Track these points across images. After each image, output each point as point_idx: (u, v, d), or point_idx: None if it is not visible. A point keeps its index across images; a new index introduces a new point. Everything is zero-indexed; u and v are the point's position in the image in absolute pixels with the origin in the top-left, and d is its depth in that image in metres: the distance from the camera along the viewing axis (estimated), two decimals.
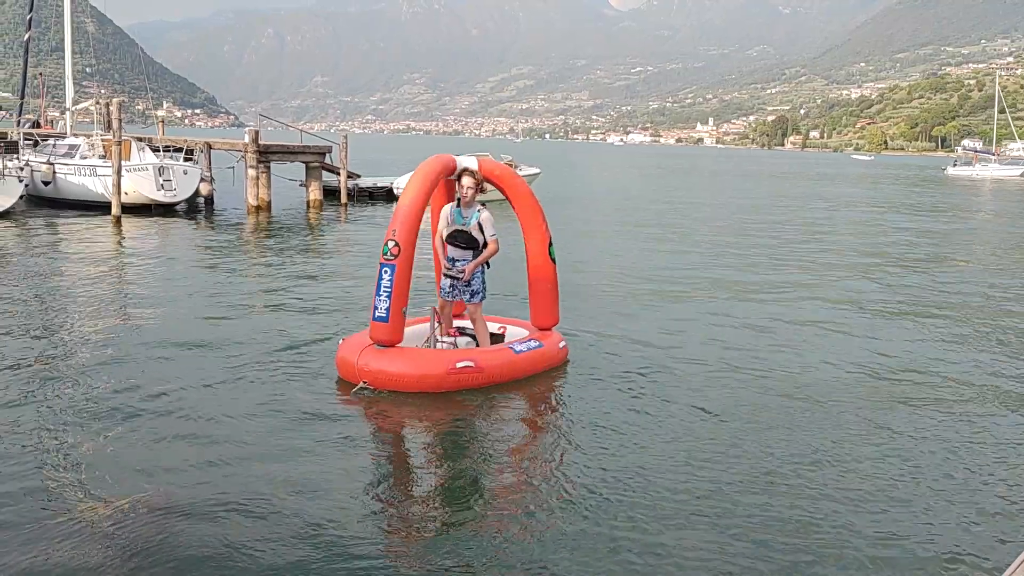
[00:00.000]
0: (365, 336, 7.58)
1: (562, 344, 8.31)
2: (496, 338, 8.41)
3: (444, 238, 7.75)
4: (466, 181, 7.59)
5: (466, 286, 7.76)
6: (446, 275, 7.82)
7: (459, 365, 7.29)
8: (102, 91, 34.39)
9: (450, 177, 7.81)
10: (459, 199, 7.70)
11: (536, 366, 7.83)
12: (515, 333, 8.51)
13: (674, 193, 39.80)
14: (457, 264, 7.71)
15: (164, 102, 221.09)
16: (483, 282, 7.88)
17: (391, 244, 7.27)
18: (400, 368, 7.23)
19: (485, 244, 7.70)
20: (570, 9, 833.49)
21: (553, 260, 8.27)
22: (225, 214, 23.48)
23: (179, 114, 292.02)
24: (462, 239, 7.67)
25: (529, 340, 8.02)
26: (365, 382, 7.24)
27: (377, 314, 7.33)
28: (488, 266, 7.88)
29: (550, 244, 8.24)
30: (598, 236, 20.45)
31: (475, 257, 7.71)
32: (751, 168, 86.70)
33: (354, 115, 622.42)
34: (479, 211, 7.66)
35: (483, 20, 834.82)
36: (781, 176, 66.66)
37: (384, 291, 7.29)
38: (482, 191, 7.71)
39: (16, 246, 16.18)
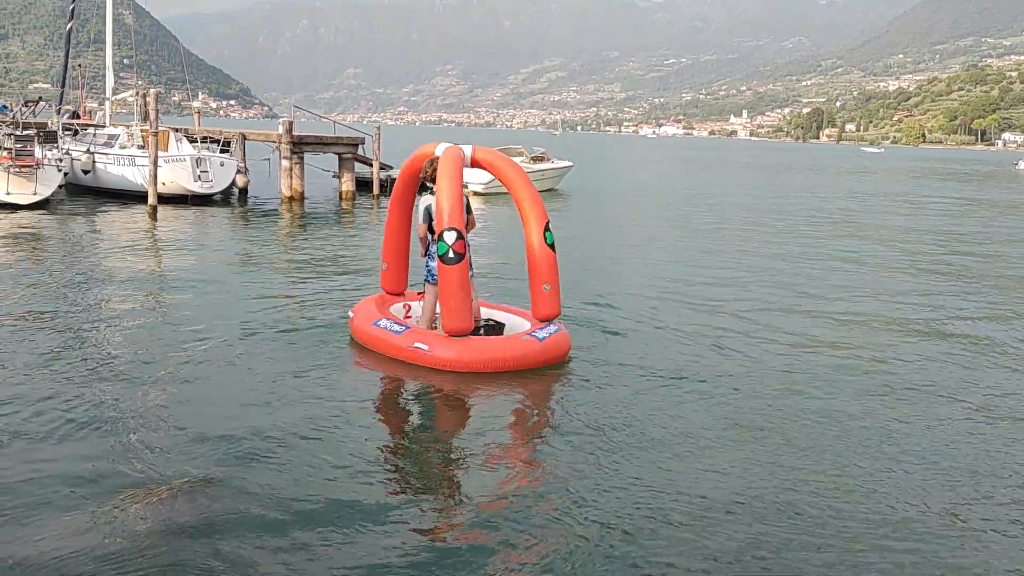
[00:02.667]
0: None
1: (554, 332, 7.97)
2: (495, 328, 8.38)
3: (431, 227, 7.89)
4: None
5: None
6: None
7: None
8: (140, 82, 34.79)
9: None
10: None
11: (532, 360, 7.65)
12: (516, 324, 8.43)
13: (713, 188, 39.47)
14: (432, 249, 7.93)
15: (200, 93, 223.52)
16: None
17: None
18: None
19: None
20: (603, 1, 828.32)
21: (551, 247, 8.04)
22: (259, 204, 23.71)
23: (214, 105, 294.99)
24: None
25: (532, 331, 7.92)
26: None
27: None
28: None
29: (546, 229, 8.02)
30: (630, 233, 20.36)
31: None
32: (785, 161, 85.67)
33: (386, 107, 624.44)
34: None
35: (516, 12, 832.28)
36: (819, 169, 65.82)
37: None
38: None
39: (55, 233, 16.47)
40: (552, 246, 8.05)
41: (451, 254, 7.41)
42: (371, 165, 27.14)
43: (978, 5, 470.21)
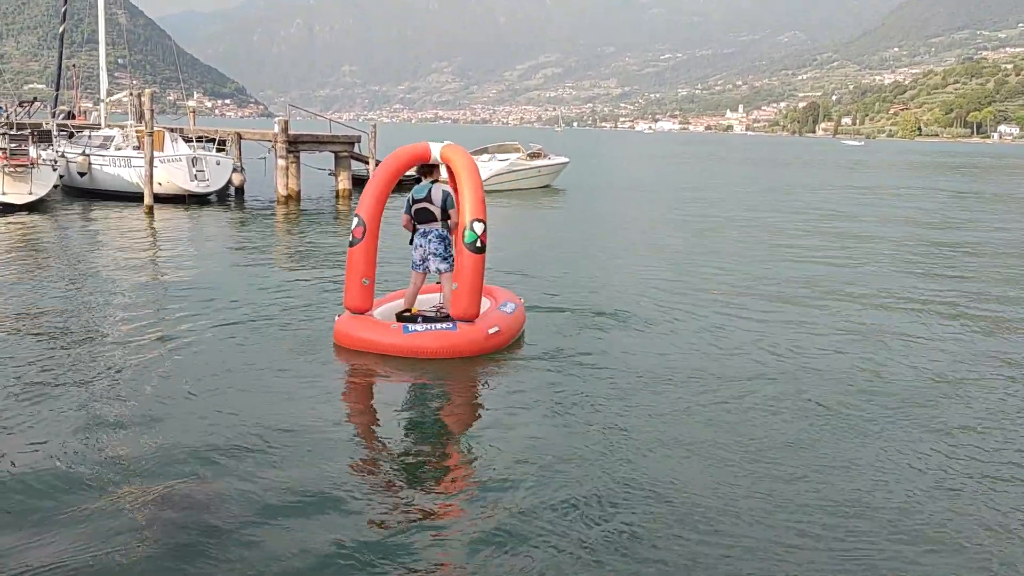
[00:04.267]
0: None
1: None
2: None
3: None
4: None
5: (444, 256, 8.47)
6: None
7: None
8: (134, 82, 34.80)
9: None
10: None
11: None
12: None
13: (702, 183, 39.50)
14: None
15: (194, 92, 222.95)
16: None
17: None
18: None
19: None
20: None
21: (472, 249, 8.00)
22: (255, 203, 23.71)
23: (209, 104, 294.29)
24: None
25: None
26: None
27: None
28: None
29: (468, 228, 8.00)
30: (631, 232, 20.37)
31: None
32: (771, 155, 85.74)
33: (382, 104, 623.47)
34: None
35: (511, 8, 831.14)
36: (799, 165, 65.89)
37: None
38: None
39: (51, 234, 16.46)
40: (471, 246, 8.00)
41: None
42: (367, 163, 27.13)
43: None
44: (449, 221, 8.36)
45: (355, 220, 8.41)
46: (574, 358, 8.11)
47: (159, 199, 21.24)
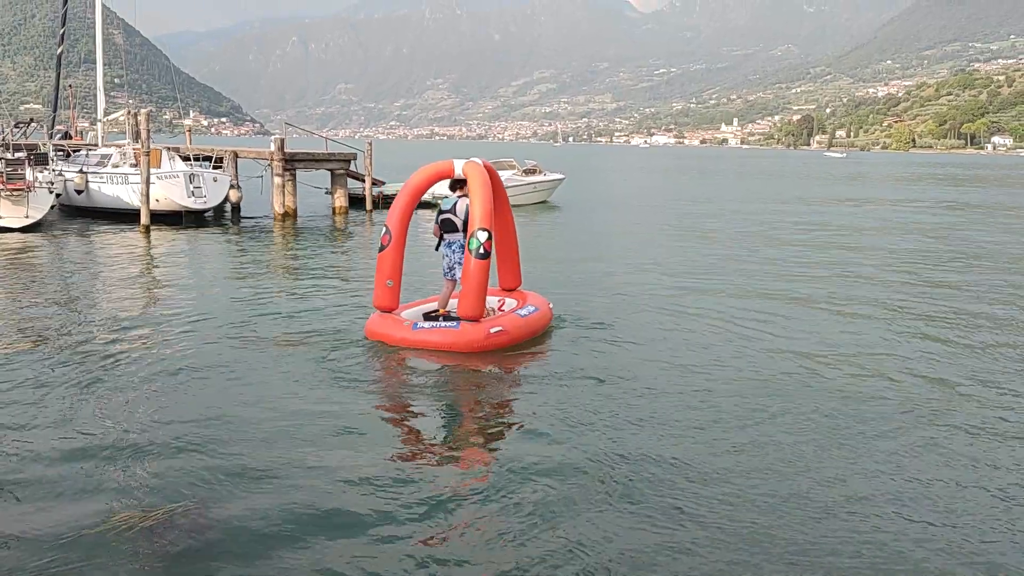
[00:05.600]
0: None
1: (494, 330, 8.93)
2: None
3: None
4: None
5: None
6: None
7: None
8: (131, 101, 34.87)
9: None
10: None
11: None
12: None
13: (696, 196, 39.62)
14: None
15: (191, 111, 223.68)
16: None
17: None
18: None
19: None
20: (592, 12, 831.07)
21: (477, 254, 8.74)
22: (252, 221, 23.74)
23: (205, 123, 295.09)
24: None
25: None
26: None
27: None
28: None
29: (473, 236, 8.76)
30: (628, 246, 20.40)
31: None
32: (760, 168, 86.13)
33: (378, 121, 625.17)
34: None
35: (505, 25, 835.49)
36: (784, 175, 66.15)
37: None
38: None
39: (49, 255, 16.47)
40: (476, 252, 8.74)
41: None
42: (363, 181, 27.20)
43: (964, 11, 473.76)
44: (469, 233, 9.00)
45: (383, 230, 9.46)
46: (573, 365, 8.19)
47: (156, 216, 21.27)
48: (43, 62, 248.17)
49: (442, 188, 9.84)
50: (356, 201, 27.48)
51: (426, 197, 11.26)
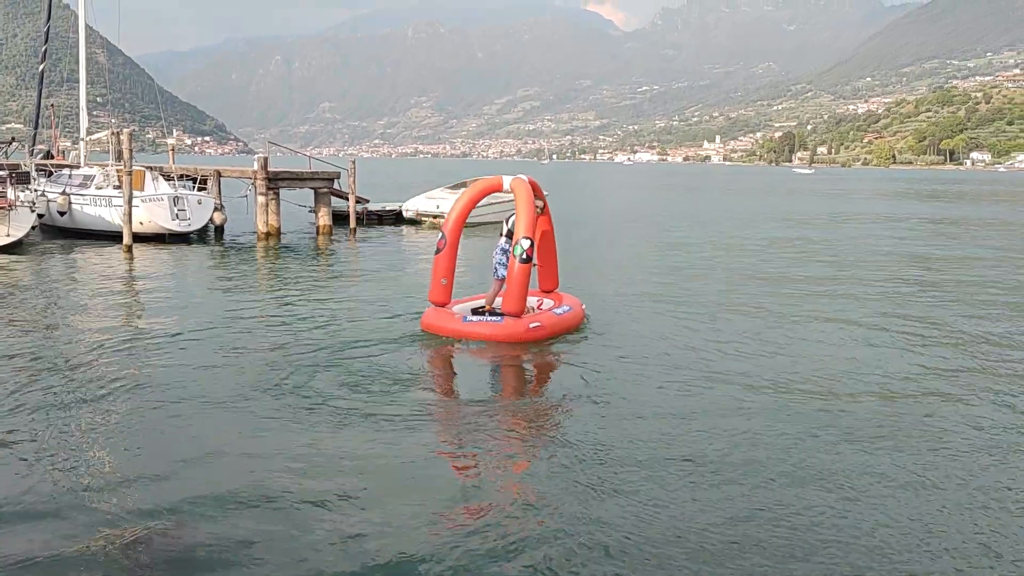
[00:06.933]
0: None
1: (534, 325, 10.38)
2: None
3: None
4: None
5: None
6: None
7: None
8: (113, 120, 34.72)
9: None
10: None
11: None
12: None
13: (673, 212, 39.84)
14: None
15: (174, 130, 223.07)
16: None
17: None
18: None
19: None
20: (575, 31, 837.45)
21: (520, 259, 10.23)
22: (236, 241, 23.66)
23: (189, 142, 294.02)
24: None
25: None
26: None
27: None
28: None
29: (516, 243, 10.30)
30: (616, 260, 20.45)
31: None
32: (733, 184, 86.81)
33: (362, 139, 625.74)
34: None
35: (489, 43, 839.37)
36: (752, 192, 66.66)
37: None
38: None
39: (29, 275, 16.34)
40: (520, 257, 10.25)
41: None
42: (347, 199, 27.18)
43: (941, 29, 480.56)
44: (512, 239, 10.48)
45: (440, 235, 10.94)
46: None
47: (140, 238, 21.15)
48: (25, 82, 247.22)
49: (424, 205, 10.49)
50: (340, 219, 27.44)
51: (409, 214, 12.13)
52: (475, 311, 10.82)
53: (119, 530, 5.03)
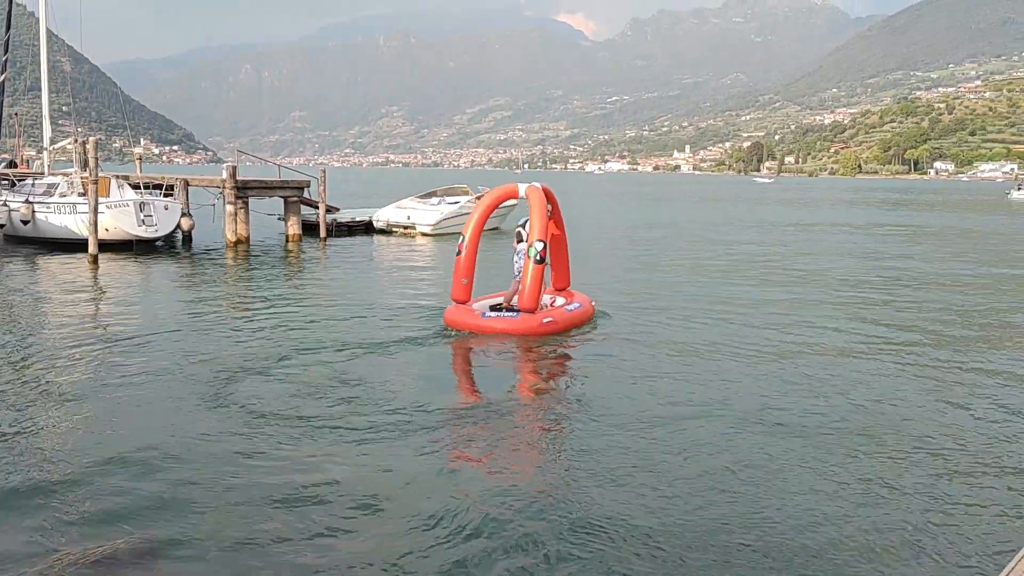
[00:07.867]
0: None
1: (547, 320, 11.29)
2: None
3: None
4: None
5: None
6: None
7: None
8: (79, 129, 34.33)
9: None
10: None
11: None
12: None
13: (643, 220, 40.15)
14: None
15: (141, 139, 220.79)
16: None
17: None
18: None
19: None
20: (546, 41, 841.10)
21: (534, 260, 11.15)
22: (204, 249, 23.48)
23: (157, 151, 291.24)
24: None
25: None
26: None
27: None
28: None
29: (530, 246, 11.22)
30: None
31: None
32: (702, 192, 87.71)
33: (333, 149, 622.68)
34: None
35: (460, 53, 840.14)
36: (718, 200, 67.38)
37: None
38: None
39: None
40: (534, 258, 11.18)
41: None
42: (317, 207, 27.09)
43: (905, 40, 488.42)
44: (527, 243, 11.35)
45: (461, 238, 11.86)
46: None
47: (106, 246, 20.93)
48: None
49: (394, 215, 10.60)
50: (310, 228, 27.34)
51: (380, 225, 12.88)
52: (493, 307, 11.84)
53: (83, 547, 5.03)
